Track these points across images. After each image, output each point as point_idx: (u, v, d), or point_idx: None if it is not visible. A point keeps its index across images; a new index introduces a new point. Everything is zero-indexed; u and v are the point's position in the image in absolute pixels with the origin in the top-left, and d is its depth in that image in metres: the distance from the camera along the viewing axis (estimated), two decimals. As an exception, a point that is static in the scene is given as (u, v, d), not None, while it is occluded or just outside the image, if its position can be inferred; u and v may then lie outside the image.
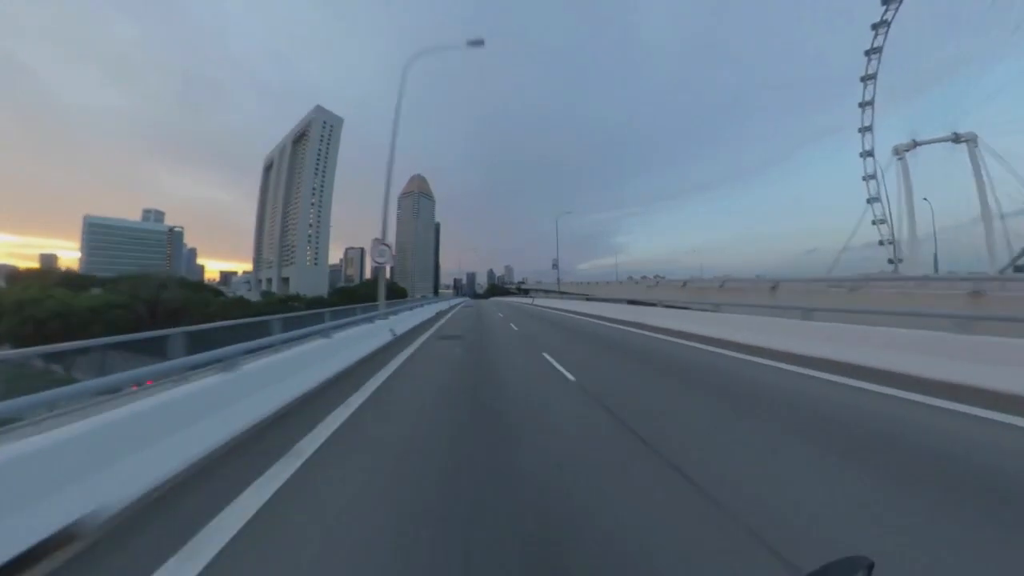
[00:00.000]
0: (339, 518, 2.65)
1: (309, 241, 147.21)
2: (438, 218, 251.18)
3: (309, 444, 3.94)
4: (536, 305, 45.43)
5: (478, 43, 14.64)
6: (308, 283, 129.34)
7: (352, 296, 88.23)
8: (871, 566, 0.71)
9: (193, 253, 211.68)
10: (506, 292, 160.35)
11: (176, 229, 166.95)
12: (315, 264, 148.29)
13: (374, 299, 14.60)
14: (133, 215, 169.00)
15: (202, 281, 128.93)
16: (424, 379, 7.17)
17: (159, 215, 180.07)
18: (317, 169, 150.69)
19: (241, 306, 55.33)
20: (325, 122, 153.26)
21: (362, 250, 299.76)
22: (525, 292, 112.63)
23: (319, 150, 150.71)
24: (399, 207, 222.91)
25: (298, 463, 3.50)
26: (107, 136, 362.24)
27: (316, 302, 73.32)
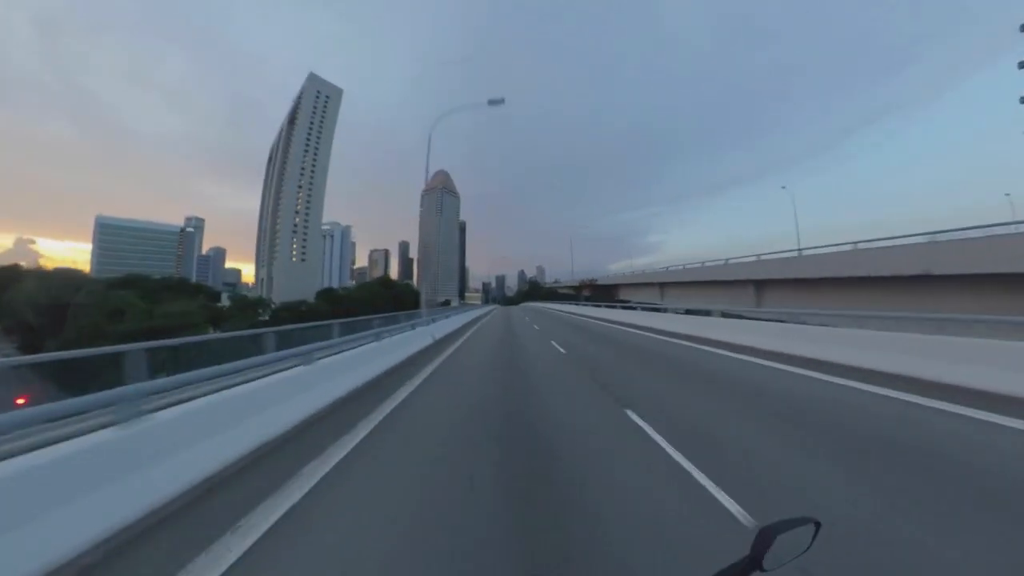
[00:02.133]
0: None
1: (295, 232, 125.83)
2: (464, 217, 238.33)
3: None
4: (608, 323, 25.46)
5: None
6: (295, 283, 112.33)
7: (337, 302, 73.41)
8: (818, 524, 0.80)
9: (221, 255, 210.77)
10: (551, 295, 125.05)
11: (188, 229, 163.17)
12: (302, 260, 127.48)
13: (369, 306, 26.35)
14: (178, 223, 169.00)
15: (200, 285, 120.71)
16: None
17: (199, 221, 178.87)
18: (308, 146, 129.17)
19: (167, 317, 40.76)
20: (319, 93, 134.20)
21: (386, 252, 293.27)
22: (589, 298, 76.85)
23: (311, 124, 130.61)
24: (421, 204, 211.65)
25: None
26: (163, 153, 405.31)
27: (285, 316, 57.39)
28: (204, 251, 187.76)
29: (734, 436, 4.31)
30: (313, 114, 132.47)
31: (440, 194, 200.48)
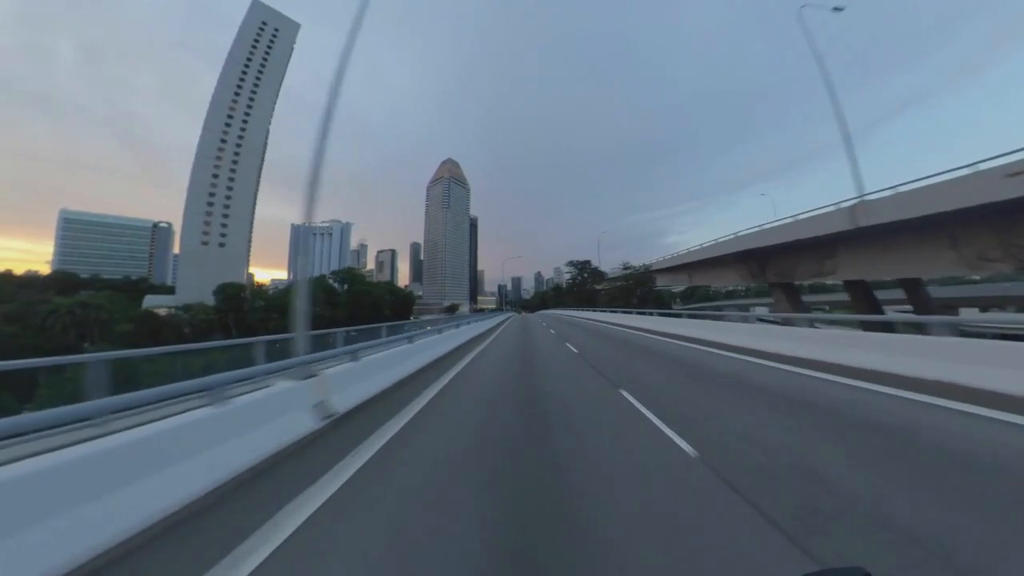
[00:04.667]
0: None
1: (211, 204, 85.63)
2: (479, 219, 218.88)
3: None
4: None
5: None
6: (210, 275, 71.54)
7: (239, 306, 51.09)
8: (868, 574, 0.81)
9: None
10: (587, 300, 78.76)
11: (162, 225, 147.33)
12: (220, 244, 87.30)
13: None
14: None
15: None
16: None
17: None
18: (240, 86, 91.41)
19: None
20: (265, 25, 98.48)
21: (392, 252, 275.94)
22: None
23: (247, 62, 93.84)
24: (427, 198, 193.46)
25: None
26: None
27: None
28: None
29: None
30: (253, 50, 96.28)
31: (447, 184, 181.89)
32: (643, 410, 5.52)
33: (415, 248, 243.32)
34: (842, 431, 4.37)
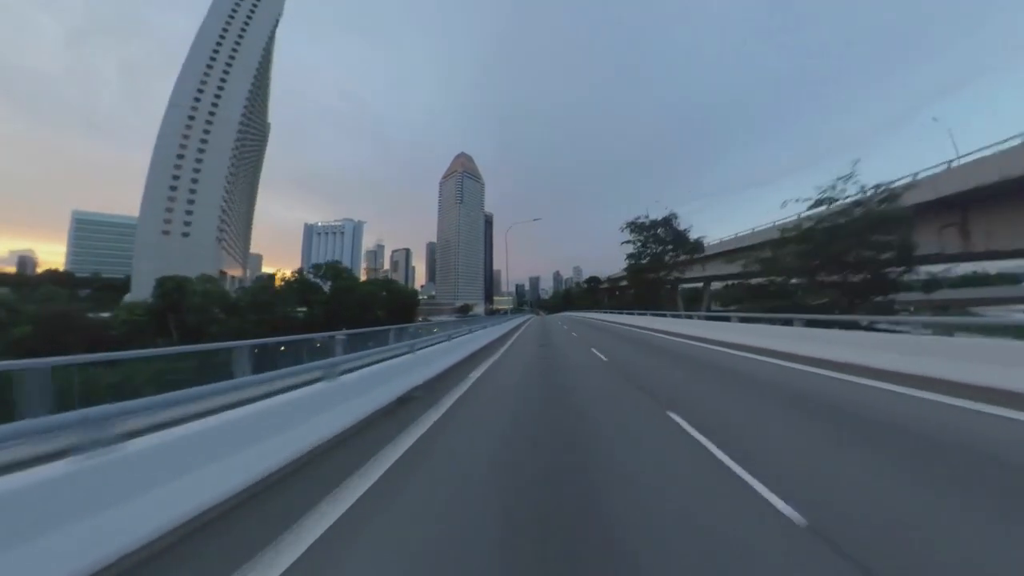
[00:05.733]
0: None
1: (174, 189, 75.58)
2: (496, 217, 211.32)
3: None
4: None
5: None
6: (171, 267, 57.35)
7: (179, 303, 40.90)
8: None
9: (258, 260, 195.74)
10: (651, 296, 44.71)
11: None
12: (184, 234, 76.84)
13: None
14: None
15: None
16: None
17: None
18: (219, 44, 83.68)
19: None
20: None
21: (407, 251, 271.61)
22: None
23: (225, 27, 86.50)
24: (440, 193, 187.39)
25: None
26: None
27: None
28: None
29: None
30: (231, 17, 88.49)
31: (461, 178, 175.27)
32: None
33: (431, 248, 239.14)
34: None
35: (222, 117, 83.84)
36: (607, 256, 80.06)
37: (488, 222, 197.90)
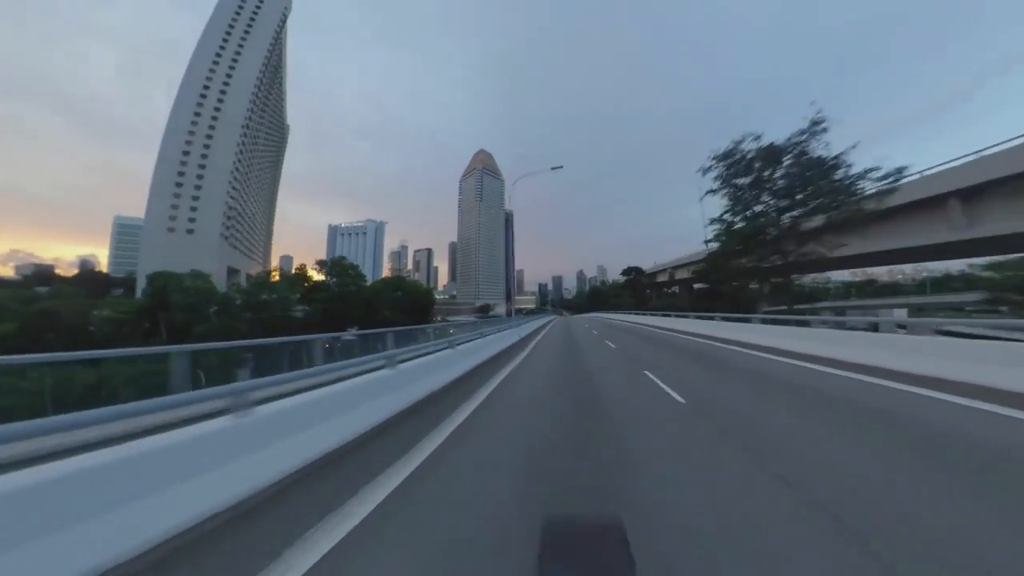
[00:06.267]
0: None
1: (179, 185, 76.99)
2: (517, 218, 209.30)
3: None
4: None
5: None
6: (174, 264, 53.42)
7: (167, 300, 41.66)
8: None
9: (289, 262, 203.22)
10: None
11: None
12: (189, 231, 77.39)
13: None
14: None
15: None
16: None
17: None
18: (223, 49, 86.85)
19: None
20: None
21: (429, 251, 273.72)
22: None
23: (233, 19, 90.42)
24: (460, 191, 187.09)
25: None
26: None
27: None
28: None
29: None
30: (239, 8, 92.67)
31: (480, 175, 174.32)
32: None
33: (452, 248, 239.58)
34: None
35: (227, 115, 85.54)
36: (630, 259, 76.23)
37: (508, 220, 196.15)
